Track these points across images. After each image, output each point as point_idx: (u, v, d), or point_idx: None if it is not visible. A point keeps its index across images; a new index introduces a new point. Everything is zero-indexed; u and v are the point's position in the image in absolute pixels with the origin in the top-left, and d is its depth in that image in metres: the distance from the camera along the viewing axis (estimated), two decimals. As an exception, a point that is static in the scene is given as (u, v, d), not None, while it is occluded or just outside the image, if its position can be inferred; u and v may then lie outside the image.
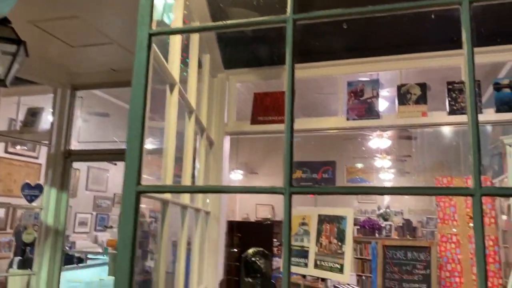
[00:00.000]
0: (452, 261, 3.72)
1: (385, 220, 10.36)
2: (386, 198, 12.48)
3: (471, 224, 3.72)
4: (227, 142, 4.79)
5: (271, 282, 1.84)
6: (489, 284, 3.58)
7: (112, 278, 5.66)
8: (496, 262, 3.62)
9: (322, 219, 3.78)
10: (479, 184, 0.62)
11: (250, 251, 1.83)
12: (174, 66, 2.14)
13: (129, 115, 0.87)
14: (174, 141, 2.15)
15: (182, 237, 3.73)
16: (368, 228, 7.85)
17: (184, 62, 2.61)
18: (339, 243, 3.54)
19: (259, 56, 3.88)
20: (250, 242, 1.83)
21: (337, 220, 3.63)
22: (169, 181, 2.08)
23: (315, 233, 3.80)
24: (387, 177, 12.39)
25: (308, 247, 3.85)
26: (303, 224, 4.00)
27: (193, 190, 2.25)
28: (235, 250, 1.84)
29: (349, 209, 3.67)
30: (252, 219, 12.45)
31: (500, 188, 0.84)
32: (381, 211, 11.10)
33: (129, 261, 0.82)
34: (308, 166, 13.13)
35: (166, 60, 2.06)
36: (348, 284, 4.15)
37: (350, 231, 3.50)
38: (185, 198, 3.79)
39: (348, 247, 3.47)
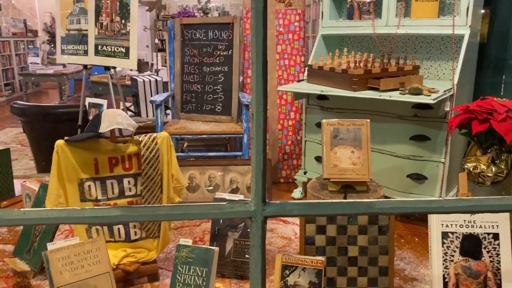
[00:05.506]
0: (256, 40, 3.33)
1: (205, 14, 9.80)
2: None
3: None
4: None
5: None
6: (292, 63, 3.38)
7: None
8: (301, 39, 3.36)
9: (102, -8, 2.89)
10: None
11: None
12: None
13: None
14: None
15: None
16: (183, 21, 7.14)
17: None
18: (123, 21, 2.78)
19: None
20: None
21: (119, -9, 2.79)
22: None
23: (93, 11, 2.93)
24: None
25: (86, 30, 3.01)
26: (79, 0, 3.06)
27: None
28: None
29: (132, -25, 2.81)
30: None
31: None
32: (201, 5, 10.40)
33: None
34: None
35: None
36: (140, 71, 3.58)
37: (135, 3, 2.73)
38: None
39: (133, 26, 2.75)
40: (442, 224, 1.78)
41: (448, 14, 2.70)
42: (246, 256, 2.10)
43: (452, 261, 1.73)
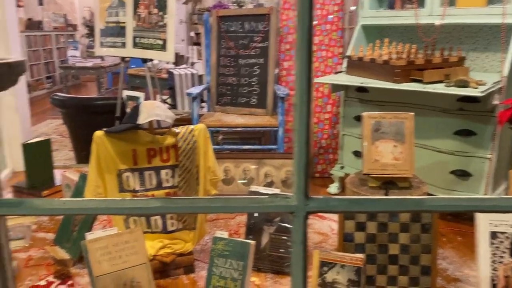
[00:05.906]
0: (294, 31, 3.28)
1: (240, 6, 9.78)
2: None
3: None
4: None
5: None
6: (330, 54, 3.31)
7: None
8: (339, 30, 3.28)
9: (140, -16, 2.90)
10: None
11: None
12: None
13: None
14: None
15: None
16: (218, 14, 7.13)
17: None
18: (160, 13, 2.78)
19: None
20: None
21: (157, -17, 2.79)
22: None
23: (131, 3, 2.95)
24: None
25: (124, 22, 3.04)
26: (118, -7, 3.09)
27: None
28: None
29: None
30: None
31: None
32: (237, -3, 10.38)
33: None
34: None
35: None
36: (176, 64, 3.59)
37: (172, -4, 2.72)
38: None
39: (170, 18, 2.75)
40: (491, 224, 1.68)
41: (497, 3, 2.55)
42: (281, 250, 2.07)
43: (501, 262, 1.64)
